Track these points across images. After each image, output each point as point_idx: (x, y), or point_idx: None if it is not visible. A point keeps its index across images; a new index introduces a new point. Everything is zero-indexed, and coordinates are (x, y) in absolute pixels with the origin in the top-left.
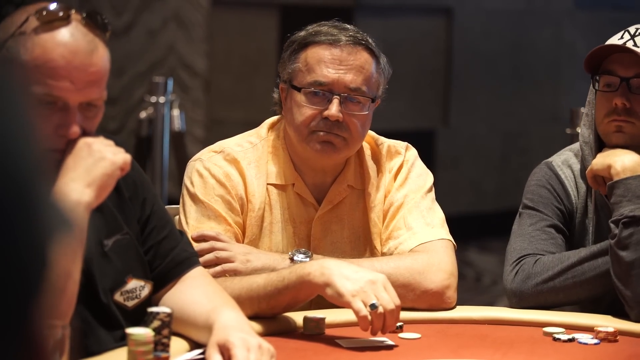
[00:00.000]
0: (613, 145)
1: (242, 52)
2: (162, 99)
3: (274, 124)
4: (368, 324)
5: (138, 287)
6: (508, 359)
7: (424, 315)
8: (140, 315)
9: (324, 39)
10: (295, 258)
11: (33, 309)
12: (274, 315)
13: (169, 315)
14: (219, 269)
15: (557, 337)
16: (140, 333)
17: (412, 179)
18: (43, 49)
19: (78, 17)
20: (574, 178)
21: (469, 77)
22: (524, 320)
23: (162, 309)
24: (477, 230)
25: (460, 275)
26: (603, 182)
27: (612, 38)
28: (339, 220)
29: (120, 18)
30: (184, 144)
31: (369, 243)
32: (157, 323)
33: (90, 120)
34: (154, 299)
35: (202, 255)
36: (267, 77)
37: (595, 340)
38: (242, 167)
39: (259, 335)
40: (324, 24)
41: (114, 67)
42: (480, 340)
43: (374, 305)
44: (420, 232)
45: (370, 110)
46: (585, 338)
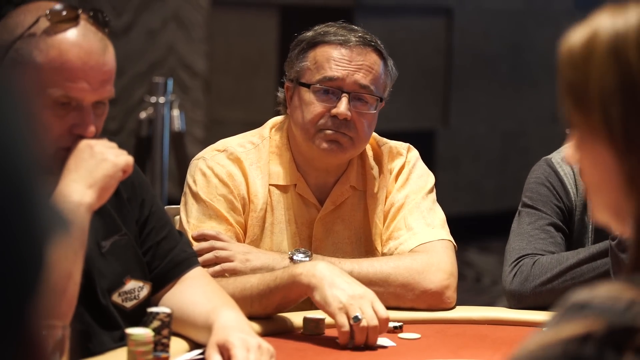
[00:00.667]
0: None
1: (242, 52)
2: (162, 99)
3: (277, 124)
4: (347, 339)
5: (137, 288)
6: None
7: (424, 316)
8: (140, 316)
9: (334, 39)
10: (295, 257)
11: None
12: (268, 316)
13: (169, 316)
14: (218, 268)
15: None
16: (140, 333)
17: (413, 180)
18: (59, 51)
19: (85, 16)
20: (574, 175)
21: (469, 77)
22: (524, 321)
23: (161, 309)
24: (476, 231)
25: (460, 276)
26: None
27: None
28: (341, 221)
29: (120, 18)
30: (184, 145)
31: (370, 244)
32: (156, 323)
33: (99, 118)
34: (154, 300)
35: (201, 254)
36: (267, 77)
37: None
38: (244, 166)
39: (259, 336)
40: (332, 25)
41: None
42: (480, 341)
43: (357, 318)
44: (421, 232)
45: (377, 111)
46: None
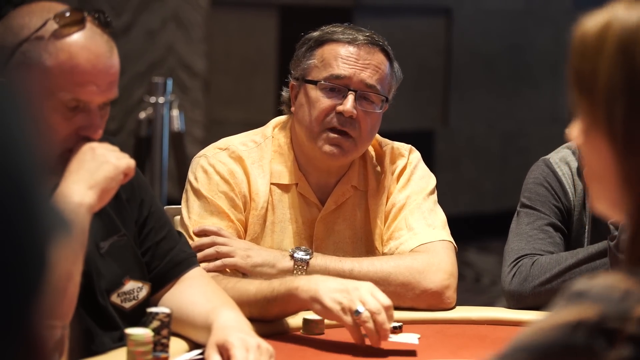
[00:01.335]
0: None
1: (241, 52)
2: (161, 100)
3: (280, 124)
4: (360, 334)
5: (135, 288)
6: None
7: (424, 316)
8: (139, 316)
9: (342, 37)
10: (296, 255)
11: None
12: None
13: (168, 316)
14: (219, 263)
15: None
16: (140, 333)
17: (414, 181)
18: (69, 54)
19: (89, 18)
20: (572, 175)
21: (468, 77)
22: (524, 321)
23: (161, 310)
24: (476, 231)
25: (460, 276)
26: None
27: None
28: (342, 221)
29: (120, 18)
30: (184, 145)
31: (371, 244)
32: (156, 323)
33: (103, 119)
34: (153, 300)
35: (202, 250)
36: (266, 77)
37: None
38: (246, 165)
39: (258, 336)
40: (339, 25)
41: None
42: (480, 341)
43: (357, 312)
44: (422, 232)
45: (382, 111)
46: None
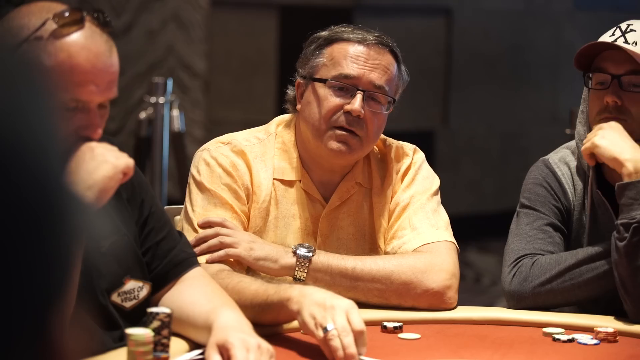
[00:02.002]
0: None
1: (241, 52)
2: (161, 100)
3: (284, 122)
4: (329, 351)
5: (136, 288)
6: None
7: (424, 316)
8: (139, 316)
9: (352, 37)
10: (298, 252)
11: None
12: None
13: (169, 316)
14: (222, 253)
15: (556, 337)
16: (140, 333)
17: (418, 181)
18: (68, 54)
19: (89, 17)
20: (571, 176)
21: (469, 77)
22: (524, 321)
23: (161, 310)
24: (476, 231)
25: (460, 276)
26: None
27: (604, 35)
28: (346, 217)
29: (120, 19)
30: (184, 145)
31: (374, 241)
32: (156, 323)
33: (102, 119)
34: (154, 300)
35: (207, 241)
36: (266, 77)
37: (595, 341)
38: (248, 159)
39: (259, 336)
40: (347, 25)
41: None
42: (480, 341)
43: (325, 329)
44: (425, 232)
45: (388, 112)
46: (585, 338)
